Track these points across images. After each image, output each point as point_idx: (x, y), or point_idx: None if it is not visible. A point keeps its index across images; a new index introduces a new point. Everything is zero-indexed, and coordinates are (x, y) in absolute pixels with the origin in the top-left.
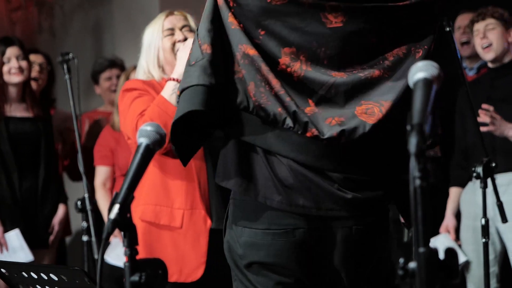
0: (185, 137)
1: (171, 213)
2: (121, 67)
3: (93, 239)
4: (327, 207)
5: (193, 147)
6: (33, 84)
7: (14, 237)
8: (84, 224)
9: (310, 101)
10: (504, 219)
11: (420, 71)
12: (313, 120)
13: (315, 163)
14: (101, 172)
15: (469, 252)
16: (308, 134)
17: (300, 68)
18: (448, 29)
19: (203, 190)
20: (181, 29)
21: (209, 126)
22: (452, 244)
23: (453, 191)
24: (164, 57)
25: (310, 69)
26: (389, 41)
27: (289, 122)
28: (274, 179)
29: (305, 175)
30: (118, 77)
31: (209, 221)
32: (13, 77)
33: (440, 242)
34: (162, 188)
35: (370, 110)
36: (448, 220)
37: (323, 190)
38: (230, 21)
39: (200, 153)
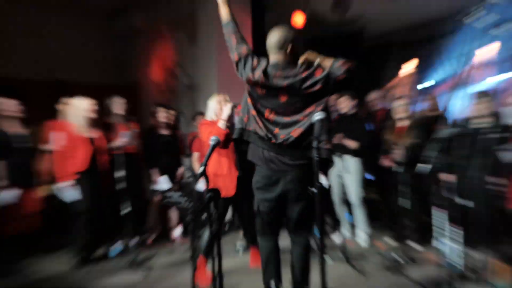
0: (240, 141)
1: (222, 169)
2: (203, 115)
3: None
4: (282, 167)
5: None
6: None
7: (163, 179)
8: (188, 174)
9: (276, 128)
10: (348, 172)
11: (318, 115)
12: (275, 136)
13: (276, 152)
14: (195, 155)
15: (333, 184)
16: (272, 142)
17: (272, 116)
18: None
19: (233, 161)
20: (223, 100)
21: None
22: (327, 181)
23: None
24: (217, 111)
25: (276, 117)
26: (306, 105)
27: (265, 137)
28: (263, 158)
29: (274, 155)
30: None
31: (237, 172)
32: (162, 119)
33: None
34: (218, 161)
35: (295, 131)
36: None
37: (281, 161)
38: (248, 100)
39: (232, 146)
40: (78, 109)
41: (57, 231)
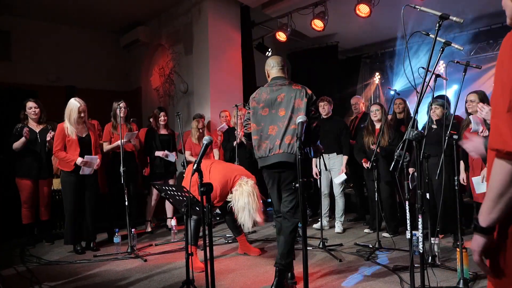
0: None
1: None
2: (197, 121)
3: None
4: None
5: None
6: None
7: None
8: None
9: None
10: (326, 169)
11: (300, 119)
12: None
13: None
14: (187, 153)
15: (322, 178)
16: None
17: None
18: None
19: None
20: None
21: None
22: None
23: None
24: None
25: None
26: (291, 110)
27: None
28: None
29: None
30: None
31: None
32: (162, 122)
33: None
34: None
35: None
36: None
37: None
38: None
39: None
40: (69, 111)
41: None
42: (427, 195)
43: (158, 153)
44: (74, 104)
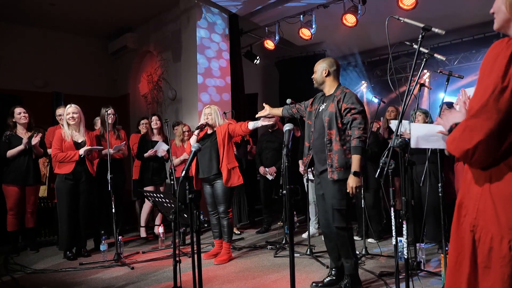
0: None
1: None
2: (183, 124)
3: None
4: None
5: None
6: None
7: (163, 145)
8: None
9: None
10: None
11: (287, 126)
12: None
13: None
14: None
15: (310, 186)
16: None
17: None
18: None
19: None
20: (208, 114)
21: None
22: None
23: (300, 162)
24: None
25: None
26: None
27: None
28: None
29: None
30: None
31: None
32: (155, 126)
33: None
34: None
35: None
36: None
37: None
38: None
39: None
40: (65, 115)
41: (51, 228)
42: (412, 202)
43: (147, 154)
44: (66, 109)
